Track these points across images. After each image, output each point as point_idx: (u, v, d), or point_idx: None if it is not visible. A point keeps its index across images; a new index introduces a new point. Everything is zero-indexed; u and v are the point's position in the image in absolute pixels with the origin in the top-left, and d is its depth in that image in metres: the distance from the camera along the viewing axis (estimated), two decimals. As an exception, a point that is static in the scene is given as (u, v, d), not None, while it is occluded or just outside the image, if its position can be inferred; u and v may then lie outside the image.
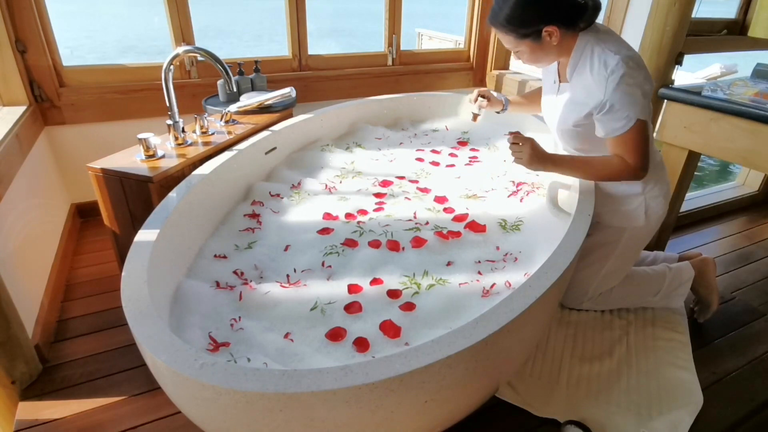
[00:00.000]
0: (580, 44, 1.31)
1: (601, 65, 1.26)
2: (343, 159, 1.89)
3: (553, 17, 1.24)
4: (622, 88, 1.23)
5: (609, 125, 1.29)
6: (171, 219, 1.22)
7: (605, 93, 1.25)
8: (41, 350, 1.43)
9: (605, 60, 1.25)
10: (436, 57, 2.87)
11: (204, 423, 0.94)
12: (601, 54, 1.27)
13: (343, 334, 1.10)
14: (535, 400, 1.35)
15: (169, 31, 2.14)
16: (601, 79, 1.26)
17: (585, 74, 1.31)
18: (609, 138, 1.32)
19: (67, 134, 2.08)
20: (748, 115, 1.64)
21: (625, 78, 1.23)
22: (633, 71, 1.24)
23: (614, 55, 1.24)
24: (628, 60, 1.24)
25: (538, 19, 1.24)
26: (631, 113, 1.25)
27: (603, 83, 1.25)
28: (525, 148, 1.36)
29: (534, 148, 1.36)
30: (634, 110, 1.25)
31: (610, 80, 1.24)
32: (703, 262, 1.69)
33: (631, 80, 1.23)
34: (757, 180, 2.74)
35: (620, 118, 1.26)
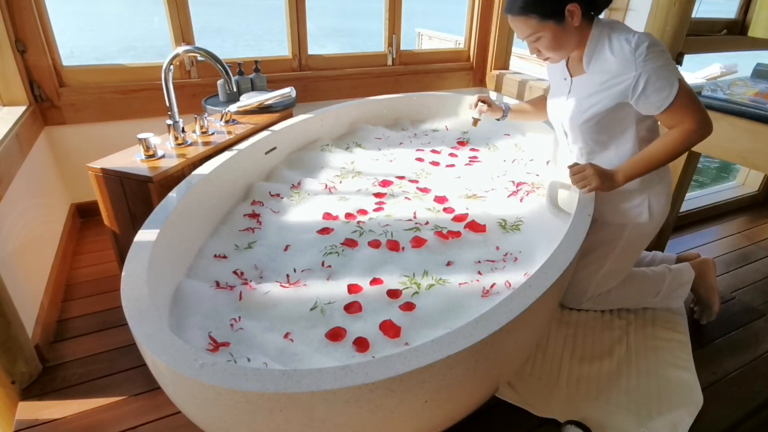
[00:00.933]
0: (595, 33, 1.30)
1: (623, 44, 1.24)
2: (343, 159, 1.89)
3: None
4: (651, 57, 1.21)
5: (654, 99, 1.24)
6: (171, 219, 1.22)
7: (636, 68, 1.22)
8: (41, 350, 1.43)
9: (625, 38, 1.24)
10: (436, 57, 2.87)
11: (204, 423, 0.94)
12: (619, 35, 1.26)
13: (343, 334, 1.10)
14: (535, 400, 1.35)
15: (169, 31, 2.14)
16: (627, 56, 1.23)
17: (605, 59, 1.29)
18: (660, 113, 1.27)
19: (67, 134, 2.08)
20: (748, 115, 1.64)
21: (651, 47, 1.21)
22: (654, 40, 1.23)
23: (633, 34, 1.24)
24: (646, 34, 1.24)
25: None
26: (671, 78, 1.22)
27: (631, 59, 1.23)
28: (589, 173, 1.33)
29: (597, 170, 1.33)
30: (673, 74, 1.23)
31: (638, 54, 1.21)
32: (704, 263, 1.69)
33: (657, 48, 1.22)
34: (757, 180, 2.74)
35: (663, 87, 1.22)
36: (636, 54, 1.22)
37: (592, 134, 1.42)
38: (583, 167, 1.35)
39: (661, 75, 1.22)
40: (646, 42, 1.21)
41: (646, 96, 1.25)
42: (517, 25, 1.28)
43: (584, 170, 1.34)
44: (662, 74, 1.22)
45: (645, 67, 1.22)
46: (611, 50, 1.27)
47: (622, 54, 1.24)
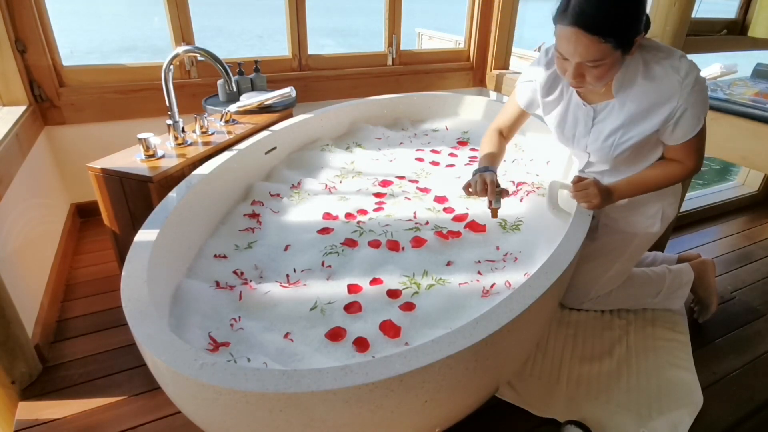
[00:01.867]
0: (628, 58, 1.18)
1: (668, 71, 1.16)
2: (343, 159, 1.89)
3: (644, 23, 1.12)
4: (697, 90, 1.16)
5: (679, 132, 1.21)
6: (171, 219, 1.22)
7: (680, 98, 1.16)
8: (41, 350, 1.43)
9: (672, 65, 1.16)
10: (436, 57, 2.87)
11: (204, 423, 0.94)
12: (662, 60, 1.17)
13: (343, 334, 1.10)
14: (535, 400, 1.35)
15: (169, 30, 2.14)
16: (674, 84, 1.15)
17: (639, 85, 1.20)
18: (672, 148, 1.26)
19: (67, 134, 2.08)
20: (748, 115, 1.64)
21: (699, 80, 1.15)
22: (700, 72, 1.17)
23: (679, 58, 1.16)
24: (690, 62, 1.17)
25: (640, 24, 1.10)
26: (701, 116, 1.20)
27: (677, 88, 1.15)
28: (592, 192, 1.30)
29: (600, 188, 1.30)
30: (704, 113, 1.21)
31: (685, 84, 1.15)
32: (703, 264, 1.69)
33: (703, 81, 1.17)
34: (757, 180, 2.74)
35: (691, 124, 1.20)
36: (684, 83, 1.15)
37: (623, 161, 1.37)
38: (587, 184, 1.31)
39: (699, 110, 1.18)
40: (695, 72, 1.15)
41: (677, 126, 1.21)
42: (585, 44, 1.07)
43: (588, 188, 1.31)
44: (699, 111, 1.19)
45: (689, 99, 1.16)
46: (650, 76, 1.18)
47: (668, 82, 1.16)
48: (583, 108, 1.33)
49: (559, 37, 1.12)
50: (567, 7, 1.07)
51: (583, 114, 1.34)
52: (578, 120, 1.36)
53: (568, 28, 1.07)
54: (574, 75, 1.15)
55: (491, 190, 1.33)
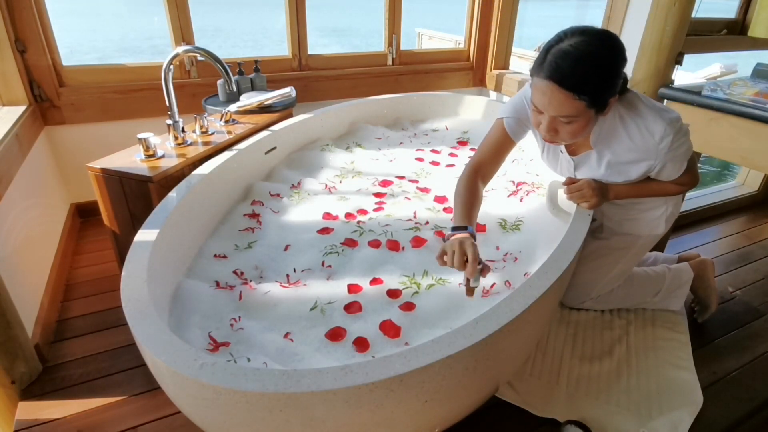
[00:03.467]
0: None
1: (644, 134, 1.19)
2: (343, 159, 1.89)
3: (618, 87, 1.13)
4: (674, 148, 1.21)
5: (665, 174, 1.30)
6: (171, 219, 1.22)
7: (657, 158, 1.23)
8: (41, 350, 1.43)
9: (647, 127, 1.19)
10: (436, 57, 2.87)
11: (204, 423, 0.94)
12: (637, 120, 1.20)
13: (343, 334, 1.10)
14: (535, 400, 1.35)
15: (169, 30, 2.14)
16: (649, 147, 1.21)
17: (619, 141, 1.24)
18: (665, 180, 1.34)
19: (66, 134, 2.08)
20: (748, 115, 1.64)
21: (675, 138, 1.19)
22: (678, 127, 1.19)
23: (654, 119, 1.18)
24: (671, 121, 1.18)
25: (614, 89, 1.11)
26: (684, 160, 1.27)
27: (653, 151, 1.21)
28: (588, 192, 1.31)
29: (594, 186, 1.32)
30: (687, 156, 1.27)
31: (661, 147, 1.20)
32: (702, 264, 1.69)
33: (680, 136, 1.20)
34: (757, 180, 2.74)
35: (676, 168, 1.28)
36: (660, 147, 1.20)
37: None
38: (580, 185, 1.33)
39: (679, 160, 1.26)
40: (671, 135, 1.17)
41: (660, 173, 1.30)
42: (560, 99, 1.07)
43: (582, 188, 1.32)
44: (681, 160, 1.26)
45: (667, 157, 1.22)
46: (628, 134, 1.22)
47: (644, 144, 1.20)
48: (562, 157, 1.38)
49: (534, 89, 1.11)
50: (544, 61, 1.07)
51: (566, 161, 1.39)
52: (561, 164, 1.42)
53: (544, 81, 1.07)
54: (547, 129, 1.14)
55: (471, 268, 1.08)
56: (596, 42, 1.05)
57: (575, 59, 1.03)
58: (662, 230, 1.50)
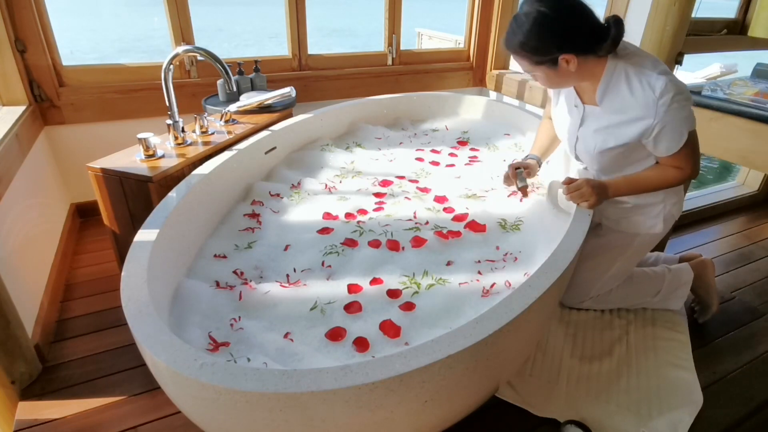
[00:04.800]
0: (610, 67, 1.25)
1: (645, 88, 1.21)
2: (343, 159, 1.89)
3: (570, 46, 1.18)
4: (674, 108, 1.20)
5: (663, 145, 1.27)
6: (171, 219, 1.22)
7: (656, 116, 1.21)
8: (41, 350, 1.43)
9: (649, 82, 1.20)
10: (436, 57, 2.87)
11: (204, 423, 0.94)
12: (641, 75, 1.22)
13: (343, 333, 1.10)
14: (535, 399, 1.35)
15: (169, 30, 2.14)
16: (649, 102, 1.21)
17: (622, 97, 1.26)
18: (662, 158, 1.32)
19: (66, 134, 2.08)
20: (748, 115, 1.64)
21: (675, 97, 1.19)
22: (679, 87, 1.20)
23: (658, 75, 1.19)
24: (673, 79, 1.20)
25: (555, 47, 1.18)
26: (683, 129, 1.24)
27: (652, 107, 1.20)
28: (585, 188, 1.32)
29: (593, 185, 1.33)
30: (687, 125, 1.24)
31: (660, 103, 1.19)
32: (702, 264, 1.69)
33: (680, 97, 1.20)
34: (757, 180, 2.74)
35: (674, 138, 1.25)
36: (659, 103, 1.19)
37: (607, 161, 1.41)
38: (579, 184, 1.34)
39: (677, 126, 1.22)
40: (672, 92, 1.18)
41: (657, 141, 1.27)
42: (516, 58, 1.28)
43: (581, 187, 1.34)
44: (678, 126, 1.23)
45: (665, 118, 1.20)
46: (630, 89, 1.23)
47: (644, 98, 1.21)
48: (576, 108, 1.40)
49: None
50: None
51: (576, 112, 1.41)
52: (572, 117, 1.44)
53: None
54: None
55: (512, 174, 1.54)
56: (539, 4, 1.16)
57: (517, 24, 1.20)
58: (660, 229, 1.49)
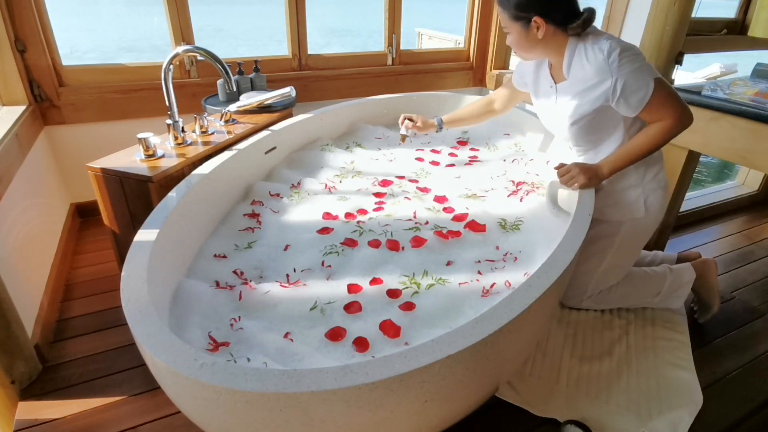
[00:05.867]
0: (572, 44, 1.37)
1: (596, 53, 1.31)
2: (342, 159, 1.89)
3: (546, 12, 1.30)
4: (625, 63, 1.27)
5: (632, 101, 1.31)
6: (170, 219, 1.22)
7: (612, 74, 1.29)
8: (41, 350, 1.43)
9: (598, 47, 1.31)
10: (435, 56, 2.87)
11: (204, 423, 0.93)
12: (593, 45, 1.32)
13: (343, 333, 1.10)
14: (535, 399, 1.35)
15: (168, 30, 2.14)
16: (602, 64, 1.30)
17: (582, 67, 1.35)
18: (640, 113, 1.33)
19: (66, 134, 2.08)
20: (748, 115, 1.64)
21: (623, 53, 1.27)
22: (626, 45, 1.30)
23: (604, 41, 1.31)
24: (618, 40, 1.31)
25: (533, 8, 1.30)
26: (646, 79, 1.28)
27: (606, 67, 1.29)
28: (575, 171, 1.39)
29: (582, 167, 1.40)
30: (648, 75, 1.28)
31: (611, 62, 1.28)
32: (705, 264, 1.68)
33: (628, 53, 1.28)
34: (757, 180, 2.74)
35: (640, 88, 1.28)
36: (609, 61, 1.28)
37: (582, 135, 1.47)
38: (568, 168, 1.42)
39: (636, 77, 1.28)
40: (617, 49, 1.28)
41: (625, 98, 1.31)
42: (499, 9, 1.38)
43: (570, 170, 1.41)
44: (637, 76, 1.28)
45: (620, 72, 1.28)
46: (587, 59, 1.33)
47: (597, 62, 1.30)
48: (551, 88, 1.49)
49: None
50: None
51: (551, 92, 1.49)
52: (548, 97, 1.51)
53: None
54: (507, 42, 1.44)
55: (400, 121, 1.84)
56: None
57: None
58: (642, 214, 1.49)
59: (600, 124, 1.42)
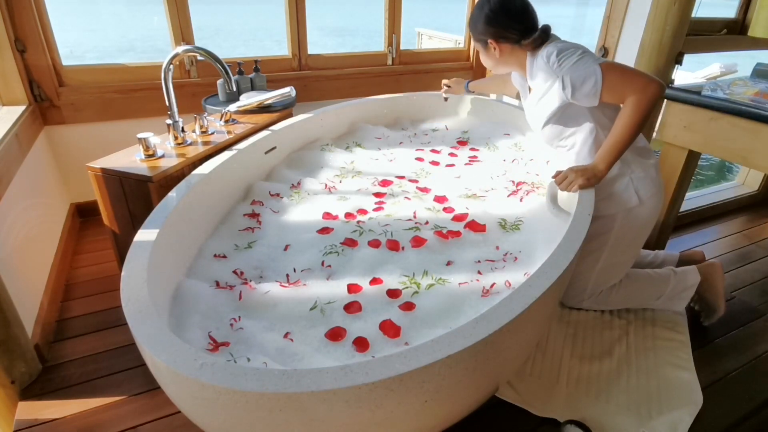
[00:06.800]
0: (530, 58, 1.48)
1: (541, 60, 1.43)
2: (342, 159, 1.89)
3: (499, 35, 1.45)
4: (563, 60, 1.37)
5: (586, 90, 1.36)
6: (171, 219, 1.22)
7: (556, 74, 1.39)
8: (41, 350, 1.43)
9: (544, 56, 1.42)
10: (435, 56, 2.87)
11: (204, 423, 0.93)
12: (542, 54, 1.43)
13: (343, 333, 1.10)
14: (535, 399, 1.35)
15: (168, 30, 2.14)
16: (548, 68, 1.41)
17: (537, 76, 1.47)
18: (602, 98, 1.36)
19: (66, 134, 2.08)
20: (748, 115, 1.64)
21: (560, 53, 1.38)
22: (562, 45, 1.41)
23: (549, 47, 1.42)
24: (556, 42, 1.43)
25: (485, 32, 1.47)
26: (589, 67, 1.33)
27: (550, 70, 1.40)
28: (572, 176, 1.41)
29: (577, 170, 1.42)
30: (589, 63, 1.34)
31: (551, 63, 1.39)
32: (711, 268, 1.66)
33: (564, 50, 1.38)
34: (757, 180, 2.74)
35: (587, 78, 1.34)
36: (550, 63, 1.40)
37: (555, 134, 1.54)
38: (565, 174, 1.43)
39: (578, 68, 1.35)
40: (554, 51, 1.39)
41: (579, 90, 1.37)
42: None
43: (567, 176, 1.43)
44: (579, 67, 1.35)
45: (562, 71, 1.37)
46: (538, 67, 1.46)
47: (546, 67, 1.42)
48: (528, 94, 1.61)
49: None
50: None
51: (528, 97, 1.61)
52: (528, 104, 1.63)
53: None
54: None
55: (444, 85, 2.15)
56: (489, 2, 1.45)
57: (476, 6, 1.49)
58: (635, 203, 1.49)
59: (567, 122, 1.49)
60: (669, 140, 1.92)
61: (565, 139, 1.54)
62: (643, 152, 1.53)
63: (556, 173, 1.46)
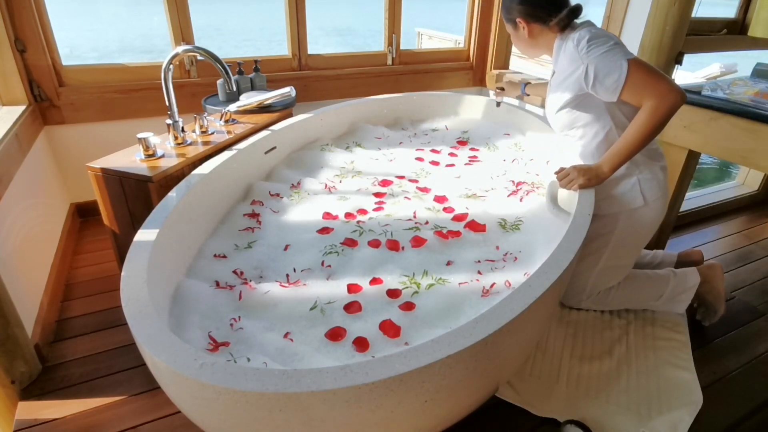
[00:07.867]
0: (558, 40, 1.45)
1: (572, 45, 1.38)
2: (342, 159, 1.89)
3: (527, 13, 1.43)
4: (593, 48, 1.32)
5: (607, 84, 1.32)
6: (170, 219, 1.22)
7: (582, 61, 1.34)
8: (41, 350, 1.43)
9: (574, 39, 1.38)
10: (435, 56, 2.87)
11: (204, 423, 0.93)
12: (573, 36, 1.39)
13: (343, 333, 1.10)
14: (534, 399, 1.35)
15: (168, 30, 2.14)
16: (575, 53, 1.36)
17: (564, 59, 1.43)
18: (622, 95, 1.31)
19: (66, 134, 2.08)
20: (748, 115, 1.64)
21: (591, 40, 1.33)
22: (596, 31, 1.36)
23: (581, 32, 1.37)
24: (590, 28, 1.38)
25: (515, 11, 1.45)
26: (616, 61, 1.29)
27: (577, 56, 1.35)
28: (574, 174, 1.41)
29: (580, 169, 1.41)
30: (618, 56, 1.29)
31: (580, 49, 1.34)
32: (711, 269, 1.66)
33: (596, 38, 1.33)
34: (757, 180, 2.74)
35: (611, 71, 1.30)
36: (578, 49, 1.35)
37: (567, 122, 1.51)
38: (567, 171, 1.43)
39: (606, 60, 1.30)
40: (586, 36, 1.34)
41: (600, 82, 1.33)
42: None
43: (569, 173, 1.43)
44: (607, 59, 1.30)
45: (588, 58, 1.32)
46: (565, 51, 1.42)
47: (573, 52, 1.37)
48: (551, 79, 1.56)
49: None
50: None
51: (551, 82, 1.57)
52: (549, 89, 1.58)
53: None
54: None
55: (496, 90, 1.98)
56: None
57: None
58: (640, 203, 1.48)
59: (583, 111, 1.46)
60: (669, 140, 1.92)
61: (576, 129, 1.51)
62: (654, 154, 1.50)
63: (559, 169, 1.46)
